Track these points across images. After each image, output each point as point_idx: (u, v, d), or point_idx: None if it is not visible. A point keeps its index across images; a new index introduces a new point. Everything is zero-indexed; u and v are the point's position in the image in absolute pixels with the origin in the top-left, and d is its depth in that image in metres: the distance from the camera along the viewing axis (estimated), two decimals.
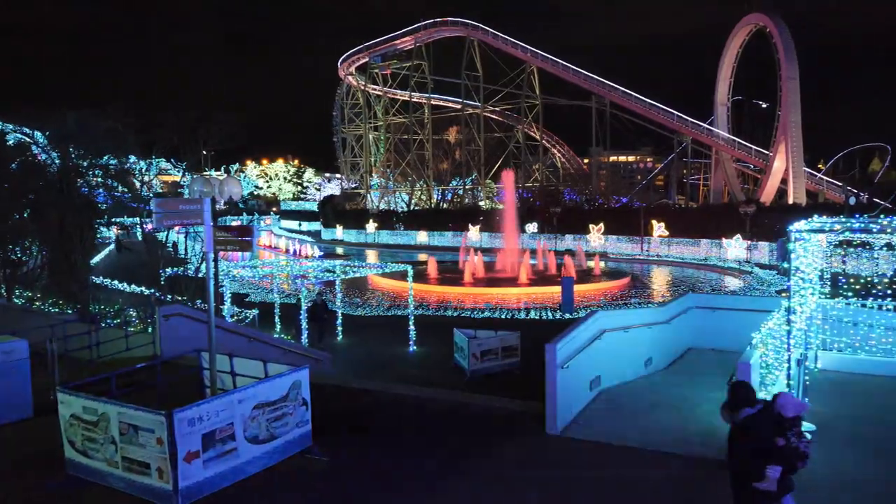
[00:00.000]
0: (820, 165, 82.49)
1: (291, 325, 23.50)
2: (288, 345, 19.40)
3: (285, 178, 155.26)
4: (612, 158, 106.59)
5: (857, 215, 11.09)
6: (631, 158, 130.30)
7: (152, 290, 25.83)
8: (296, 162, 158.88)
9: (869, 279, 15.81)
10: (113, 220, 43.30)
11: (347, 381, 15.57)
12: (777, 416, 6.26)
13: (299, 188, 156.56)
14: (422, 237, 77.05)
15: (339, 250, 76.08)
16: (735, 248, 50.62)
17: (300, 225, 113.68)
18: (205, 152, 39.63)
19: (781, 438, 6.15)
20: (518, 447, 10.21)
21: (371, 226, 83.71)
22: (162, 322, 15.53)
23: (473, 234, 69.04)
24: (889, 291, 15.56)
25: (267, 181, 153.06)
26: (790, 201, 62.47)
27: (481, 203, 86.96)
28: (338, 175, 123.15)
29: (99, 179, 30.25)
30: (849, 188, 55.14)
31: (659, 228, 57.68)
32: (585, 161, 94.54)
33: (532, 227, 65.96)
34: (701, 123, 75.03)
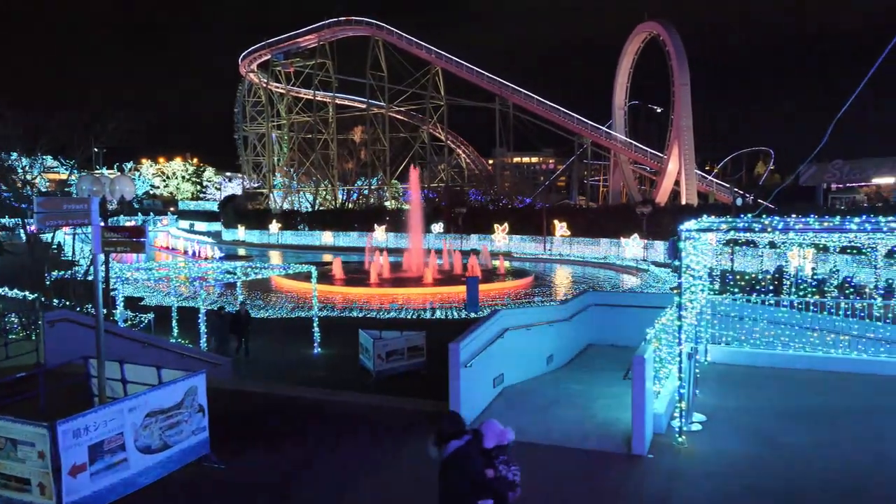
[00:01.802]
0: (708, 167, 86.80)
1: (211, 333, 22.70)
2: (185, 349, 18.70)
3: (183, 178, 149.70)
4: (516, 159, 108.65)
5: (742, 215, 11.70)
6: (534, 160, 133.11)
7: (36, 295, 24.27)
8: (195, 160, 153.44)
9: (753, 276, 16.80)
10: None
11: (248, 385, 15.17)
12: (484, 448, 5.96)
13: (198, 188, 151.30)
14: (326, 238, 76.10)
15: (241, 251, 74.09)
16: (633, 246, 52.61)
17: (192, 226, 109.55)
18: (96, 149, 37.71)
19: (491, 469, 5.84)
20: (422, 447, 10.18)
21: (274, 226, 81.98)
22: (47, 328, 14.64)
23: (379, 234, 68.75)
24: (771, 287, 16.57)
25: (164, 180, 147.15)
26: (683, 202, 65.43)
27: (387, 203, 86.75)
28: (239, 174, 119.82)
29: None
30: (736, 190, 58.38)
31: (561, 228, 59.21)
32: (490, 162, 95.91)
33: (438, 228, 66.34)
34: (600, 126, 77.54)
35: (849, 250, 26.37)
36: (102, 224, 9.55)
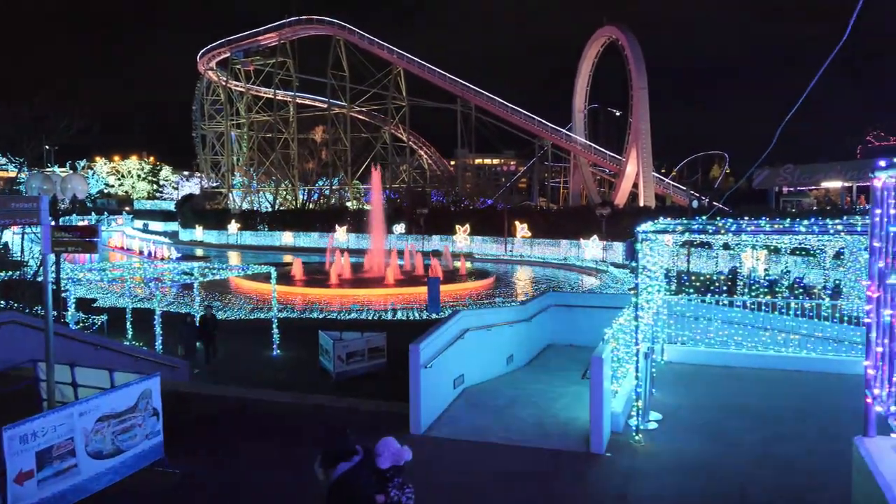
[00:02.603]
0: (664, 170, 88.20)
1: (176, 338, 22.18)
2: (140, 352, 18.30)
3: (139, 176, 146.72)
4: (478, 161, 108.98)
5: (698, 217, 11.91)
6: (495, 161, 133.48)
7: None
8: (151, 159, 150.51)
9: (708, 277, 17.11)
10: None
11: (206, 387, 14.95)
12: (378, 468, 5.55)
13: (155, 187, 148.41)
14: (287, 238, 75.35)
15: (199, 252, 72.88)
16: (592, 248, 53.19)
17: (146, 226, 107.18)
18: (47, 147, 36.81)
19: (381, 494, 5.45)
20: None
21: (233, 226, 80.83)
22: None
23: (340, 234, 68.32)
24: (725, 288, 16.90)
25: (119, 179, 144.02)
26: (641, 204, 66.34)
27: (348, 204, 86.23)
28: (198, 173, 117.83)
29: None
30: (692, 192, 59.47)
31: (522, 229, 59.57)
32: (451, 163, 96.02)
33: (399, 228, 66.15)
34: (560, 129, 78.17)
35: (799, 252, 27.04)
36: (53, 223, 9.30)
